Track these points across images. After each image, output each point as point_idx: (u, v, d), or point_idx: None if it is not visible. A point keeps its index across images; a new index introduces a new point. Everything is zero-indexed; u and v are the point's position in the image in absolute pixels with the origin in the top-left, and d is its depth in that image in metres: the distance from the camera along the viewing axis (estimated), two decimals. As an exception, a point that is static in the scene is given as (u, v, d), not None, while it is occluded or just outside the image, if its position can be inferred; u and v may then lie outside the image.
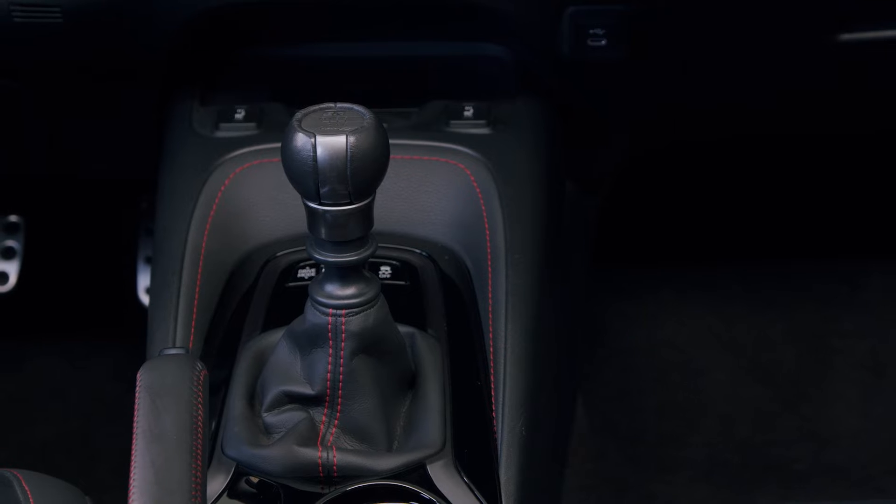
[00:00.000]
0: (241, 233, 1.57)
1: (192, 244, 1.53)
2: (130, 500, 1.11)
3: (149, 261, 2.39)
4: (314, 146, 1.23)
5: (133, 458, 1.14)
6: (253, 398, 1.39)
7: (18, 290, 2.38)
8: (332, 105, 1.28)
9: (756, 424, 2.30)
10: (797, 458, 2.25)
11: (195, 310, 1.48)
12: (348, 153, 1.23)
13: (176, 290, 1.50)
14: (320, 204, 1.25)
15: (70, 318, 2.47)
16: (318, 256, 1.29)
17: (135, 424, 1.16)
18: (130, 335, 2.40)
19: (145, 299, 2.37)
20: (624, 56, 1.64)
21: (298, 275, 1.52)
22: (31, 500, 1.33)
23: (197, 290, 1.50)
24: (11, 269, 2.40)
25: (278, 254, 1.56)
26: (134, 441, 1.15)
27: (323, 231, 1.27)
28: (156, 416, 1.16)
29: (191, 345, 1.46)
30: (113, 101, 1.77)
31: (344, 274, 1.29)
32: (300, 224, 1.56)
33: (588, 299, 2.24)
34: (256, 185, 1.60)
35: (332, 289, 1.30)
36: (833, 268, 2.47)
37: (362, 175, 1.24)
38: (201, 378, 1.20)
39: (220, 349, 1.46)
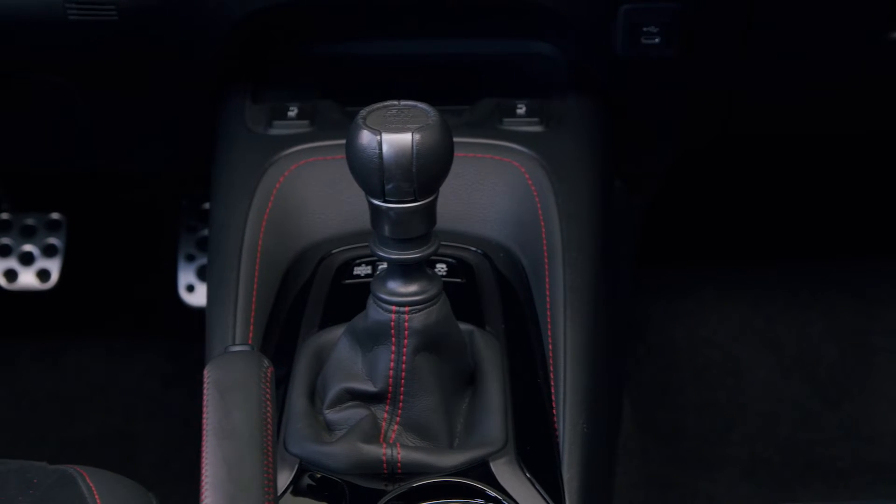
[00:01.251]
0: (295, 230, 1.57)
1: (248, 241, 1.53)
2: (203, 497, 1.11)
3: (189, 258, 2.39)
4: (380, 143, 1.23)
5: (204, 454, 1.13)
6: (313, 395, 1.39)
7: (60, 288, 2.39)
8: (395, 102, 1.27)
9: (798, 422, 2.29)
10: (839, 456, 2.25)
11: (253, 307, 1.48)
12: (414, 150, 1.23)
13: (234, 287, 1.50)
14: (385, 201, 1.25)
15: (110, 316, 2.47)
16: (381, 253, 1.29)
17: (204, 421, 1.16)
18: (170, 332, 2.41)
19: (186, 296, 2.38)
20: (676, 53, 1.63)
21: (354, 272, 1.52)
22: (96, 496, 1.33)
23: (255, 287, 1.50)
24: (53, 266, 2.41)
25: (333, 251, 1.56)
26: (204, 437, 1.15)
27: (386, 228, 1.27)
28: (226, 413, 1.16)
29: (250, 341, 1.46)
30: (162, 98, 1.78)
31: (407, 271, 1.29)
32: (354, 221, 1.58)
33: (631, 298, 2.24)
34: (310, 182, 1.60)
35: (395, 286, 1.30)
36: (875, 266, 2.46)
37: (427, 172, 1.24)
38: (268, 374, 1.20)
39: (277, 346, 1.47)
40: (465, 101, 1.69)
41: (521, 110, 1.66)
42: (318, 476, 1.32)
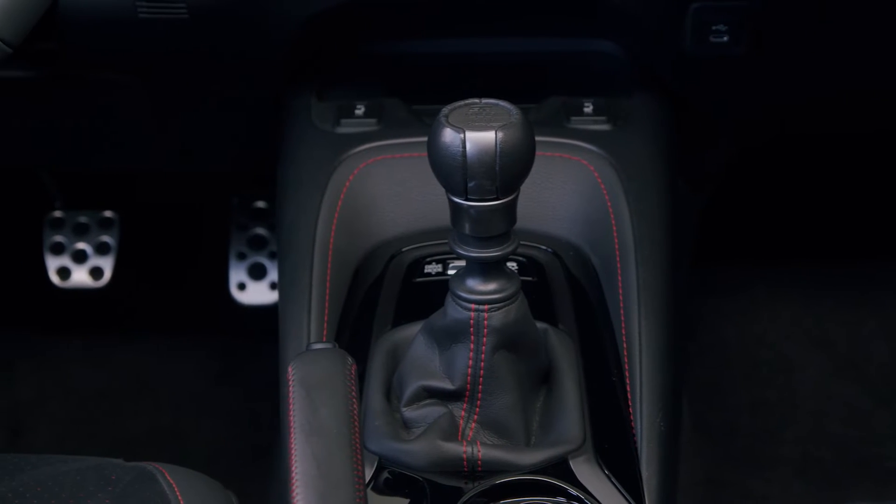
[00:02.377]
0: (365, 228, 1.58)
1: (320, 239, 1.54)
2: (294, 494, 1.11)
3: (240, 256, 2.40)
4: (463, 142, 1.23)
5: (292, 451, 1.13)
6: (389, 393, 1.39)
7: (111, 285, 2.40)
8: (476, 101, 1.27)
9: (849, 421, 2.29)
10: (889, 456, 2.25)
11: (327, 305, 1.49)
12: (497, 149, 1.23)
13: (307, 285, 1.50)
14: (466, 199, 1.25)
15: (161, 314, 2.48)
16: (460, 251, 1.29)
17: (290, 418, 1.16)
18: (221, 330, 2.42)
19: (237, 294, 2.39)
20: (744, 52, 1.63)
21: (425, 270, 1.52)
22: (177, 493, 1.34)
23: (327, 285, 1.50)
24: (106, 264, 2.42)
25: (403, 249, 1.56)
26: (291, 434, 1.15)
27: (467, 226, 1.27)
28: (313, 410, 1.16)
29: (324, 339, 1.46)
30: (226, 98, 1.78)
31: (486, 269, 1.29)
32: (424, 219, 1.58)
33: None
34: (379, 180, 1.60)
35: (475, 284, 1.30)
36: None
37: (510, 171, 1.24)
38: (352, 372, 1.20)
39: (350, 344, 1.47)
40: (531, 99, 1.69)
41: (588, 109, 1.66)
42: (398, 473, 1.32)
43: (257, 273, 2.40)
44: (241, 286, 2.39)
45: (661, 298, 1.48)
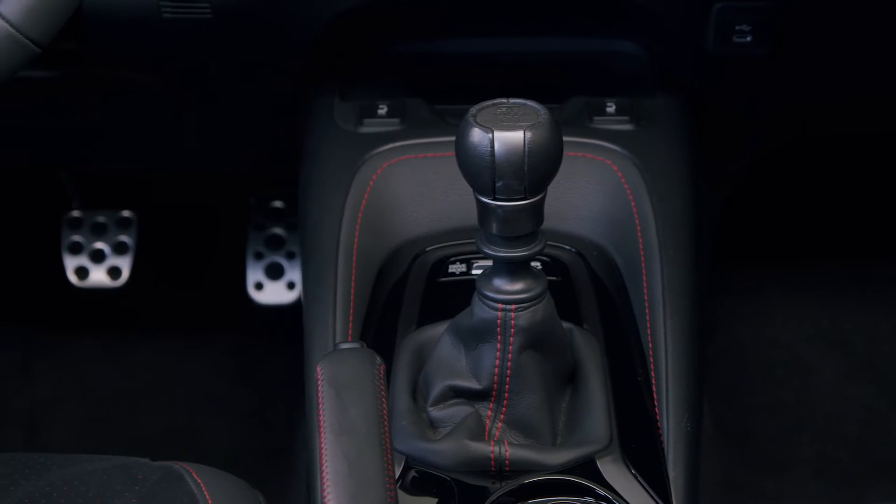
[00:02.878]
0: (389, 228, 1.58)
1: (344, 239, 1.54)
2: (324, 493, 1.11)
3: (257, 256, 2.40)
4: (492, 141, 1.23)
5: (322, 451, 1.14)
6: (415, 392, 1.39)
7: (130, 285, 2.40)
8: (504, 100, 1.27)
9: (866, 423, 2.29)
10: (908, 457, 2.25)
11: (352, 305, 1.49)
12: (526, 148, 1.23)
13: (332, 285, 1.50)
14: (494, 199, 1.25)
15: (178, 313, 2.48)
16: (488, 251, 1.29)
17: (320, 418, 1.16)
18: (237, 329, 2.42)
19: (254, 294, 2.39)
20: (767, 52, 1.63)
21: (449, 270, 1.52)
22: (205, 492, 1.34)
23: (352, 285, 1.51)
24: (124, 264, 2.42)
25: (427, 249, 1.56)
26: (321, 434, 1.15)
27: (494, 226, 1.27)
28: (342, 410, 1.16)
29: (349, 338, 1.47)
30: (248, 98, 1.78)
31: (513, 269, 1.30)
32: (447, 219, 1.58)
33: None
34: (403, 180, 1.60)
35: (501, 284, 1.30)
36: None
37: (539, 171, 1.24)
38: (381, 371, 1.20)
39: (375, 344, 1.47)
40: (553, 99, 1.69)
41: (611, 109, 1.66)
42: (425, 473, 1.32)
43: (274, 273, 2.40)
44: (259, 286, 2.39)
45: (686, 299, 1.49)
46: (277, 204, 2.42)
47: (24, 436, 2.34)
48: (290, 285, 2.39)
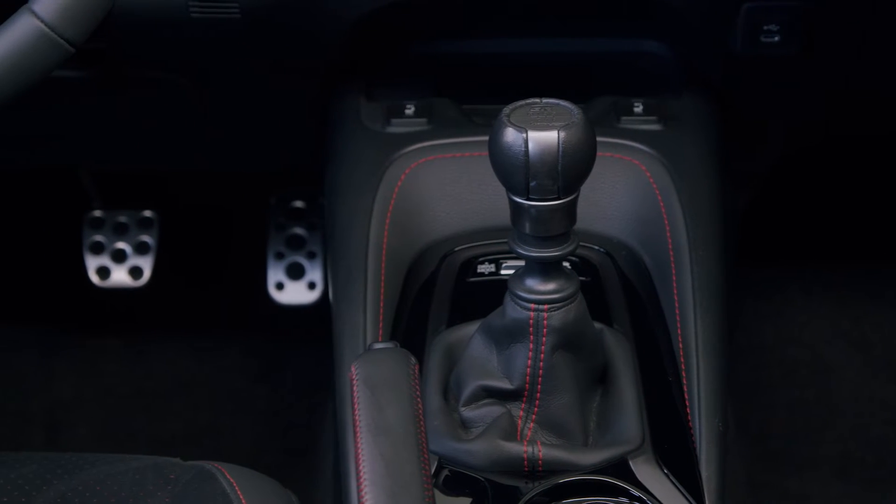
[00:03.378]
0: (417, 228, 1.58)
1: (373, 239, 1.54)
2: (362, 493, 1.11)
3: (278, 256, 2.40)
4: (526, 141, 1.23)
5: (359, 451, 1.13)
6: (446, 392, 1.39)
7: (152, 285, 2.40)
8: (537, 100, 1.28)
9: (889, 422, 2.29)
10: (930, 456, 2.25)
11: (382, 305, 1.49)
12: (560, 148, 1.23)
13: (362, 285, 1.50)
14: (528, 199, 1.25)
15: (198, 313, 2.49)
16: (520, 251, 1.29)
17: (355, 418, 1.16)
18: (258, 329, 2.42)
19: (275, 294, 2.39)
20: (795, 52, 1.63)
21: (478, 270, 1.52)
22: (238, 492, 1.34)
23: (382, 285, 1.50)
24: (146, 263, 2.42)
25: (456, 249, 1.56)
26: (357, 434, 1.15)
27: (527, 226, 1.27)
28: (378, 410, 1.16)
29: (380, 338, 1.47)
30: (273, 98, 1.78)
31: (546, 269, 1.30)
32: (476, 219, 1.58)
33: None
34: (431, 180, 1.60)
35: (534, 284, 1.30)
36: None
37: (573, 171, 1.24)
38: (416, 371, 1.20)
39: (405, 344, 1.47)
40: (579, 99, 1.68)
41: (638, 109, 1.66)
42: (458, 473, 1.32)
43: (295, 273, 2.40)
44: (280, 286, 2.39)
45: (716, 299, 1.49)
46: (298, 204, 2.42)
47: (45, 436, 2.34)
48: (311, 285, 2.40)
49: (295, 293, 2.40)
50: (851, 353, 2.38)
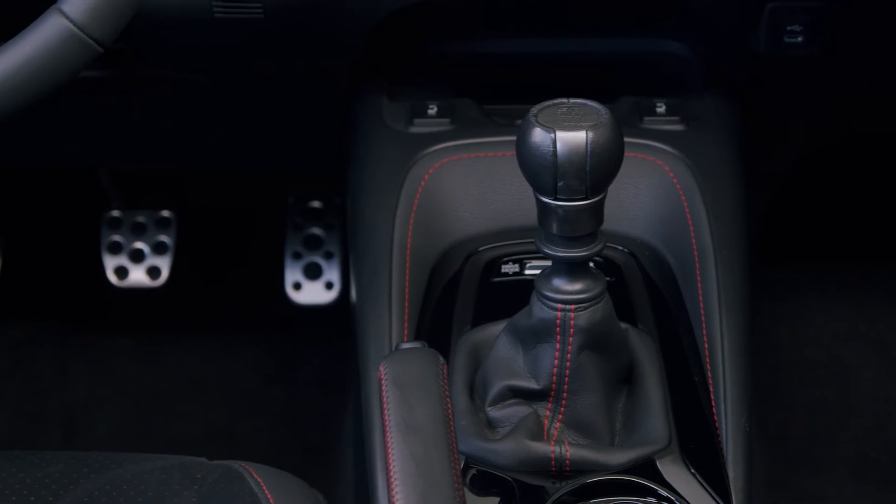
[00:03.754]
0: (441, 228, 1.58)
1: (398, 239, 1.54)
2: (393, 492, 1.11)
3: (296, 256, 2.40)
4: (554, 141, 1.23)
5: (389, 450, 1.14)
6: (472, 392, 1.39)
7: (170, 285, 2.40)
8: (565, 100, 1.28)
9: (905, 423, 2.29)
10: (949, 457, 2.25)
11: (407, 305, 1.49)
12: (588, 148, 1.23)
13: (387, 285, 1.50)
14: (555, 199, 1.25)
15: (217, 313, 2.49)
16: (547, 251, 1.29)
17: (385, 417, 1.16)
18: (274, 329, 2.43)
19: (292, 294, 2.39)
20: (818, 52, 1.63)
21: (502, 270, 1.52)
22: (266, 491, 1.34)
23: (406, 285, 1.51)
24: (164, 263, 2.42)
25: (480, 248, 1.56)
26: (387, 433, 1.15)
27: (555, 226, 1.27)
28: (408, 409, 1.16)
29: (405, 338, 1.47)
30: (295, 98, 1.78)
31: (572, 269, 1.30)
32: (499, 219, 1.58)
33: None
34: (455, 180, 1.60)
35: (561, 283, 1.30)
36: None
37: (601, 171, 1.24)
38: (444, 371, 1.21)
39: (430, 344, 1.46)
40: (601, 99, 1.68)
41: (661, 109, 1.66)
42: (485, 472, 1.32)
43: (313, 273, 2.41)
44: (297, 286, 2.40)
45: (741, 299, 1.49)
46: (316, 204, 2.43)
47: (62, 435, 2.34)
48: (329, 285, 2.40)
49: (312, 293, 2.40)
50: (869, 353, 2.38)
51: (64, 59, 1.28)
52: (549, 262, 1.31)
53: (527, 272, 1.51)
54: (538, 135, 1.24)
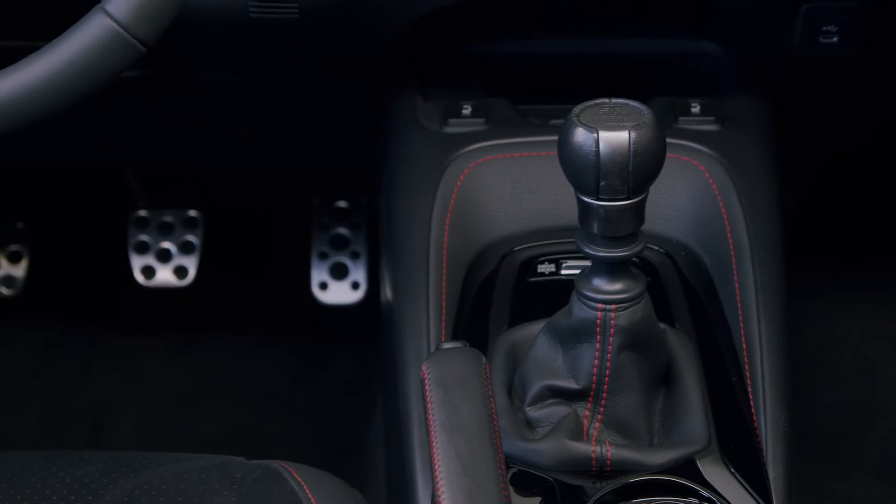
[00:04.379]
0: (476, 228, 1.58)
1: (434, 239, 1.54)
2: (439, 493, 1.11)
3: (322, 256, 2.41)
4: (597, 141, 1.23)
5: (434, 450, 1.13)
6: (510, 392, 1.39)
7: (196, 285, 2.41)
8: (606, 100, 1.28)
9: (932, 424, 2.29)
10: (975, 458, 2.24)
11: (444, 304, 1.49)
12: (631, 148, 1.23)
13: (424, 285, 1.50)
14: (597, 199, 1.25)
15: (244, 313, 2.49)
16: (588, 251, 1.29)
17: (429, 417, 1.16)
18: (300, 329, 2.43)
19: (319, 294, 2.39)
20: (854, 52, 1.63)
21: (538, 270, 1.53)
22: (307, 491, 1.34)
23: (444, 285, 1.51)
24: (191, 263, 2.43)
25: (515, 248, 1.56)
26: (432, 434, 1.15)
27: (596, 226, 1.27)
28: (453, 409, 1.16)
29: (443, 338, 1.47)
30: (328, 98, 1.79)
31: (613, 269, 1.30)
32: (535, 219, 1.58)
33: None
34: (490, 180, 1.60)
35: (601, 283, 1.30)
36: None
37: (643, 171, 1.24)
38: (486, 370, 1.21)
39: (468, 343, 1.47)
40: (634, 99, 1.68)
41: (696, 109, 1.66)
42: (525, 472, 1.32)
43: (339, 273, 2.41)
44: (323, 286, 2.40)
45: (778, 299, 1.49)
46: (342, 204, 2.43)
47: (88, 436, 2.35)
48: (355, 285, 2.40)
49: (338, 293, 2.40)
50: (894, 354, 2.37)
51: (108, 59, 1.28)
52: (585, 262, 1.31)
53: (563, 272, 1.51)
54: (581, 135, 1.24)
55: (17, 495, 1.35)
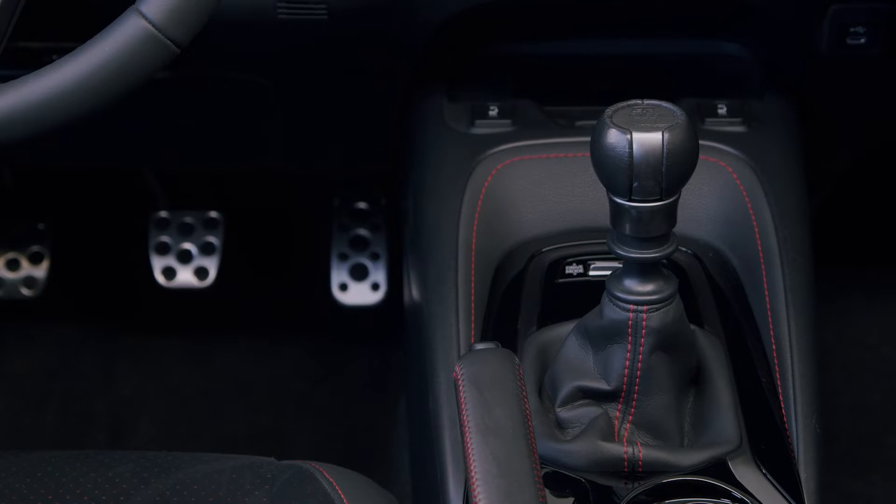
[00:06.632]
0: (504, 229, 1.58)
1: (463, 240, 1.54)
2: (475, 493, 1.11)
3: (342, 257, 2.41)
4: (630, 142, 1.23)
5: (469, 451, 1.14)
6: (540, 393, 1.40)
7: (217, 285, 2.41)
8: (639, 102, 1.28)
9: (952, 426, 2.29)
10: None
11: (473, 305, 1.49)
12: (664, 150, 1.23)
13: (453, 285, 1.50)
14: (630, 200, 1.25)
15: (264, 314, 2.49)
16: (620, 252, 1.29)
17: (463, 418, 1.16)
18: (320, 330, 2.43)
19: (339, 295, 2.39)
20: (881, 53, 1.63)
21: (566, 271, 1.53)
22: (339, 492, 1.34)
23: (472, 286, 1.51)
24: (211, 264, 2.43)
25: (543, 249, 1.56)
26: (466, 434, 1.15)
27: (628, 227, 1.27)
28: (487, 410, 1.16)
29: (472, 339, 1.47)
30: (356, 99, 1.79)
31: (645, 270, 1.30)
32: (562, 220, 1.59)
33: None
34: (517, 181, 1.61)
35: (633, 284, 1.30)
36: None
37: (676, 172, 1.24)
38: (520, 371, 1.21)
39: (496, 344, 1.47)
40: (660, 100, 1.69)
41: (722, 110, 1.66)
42: (557, 473, 1.32)
43: (359, 274, 2.41)
44: (343, 287, 2.40)
45: (807, 301, 1.49)
46: (362, 205, 2.43)
47: (108, 436, 2.35)
48: (375, 286, 2.40)
49: (358, 294, 2.40)
50: (915, 355, 2.38)
51: (142, 59, 1.28)
52: (613, 263, 1.31)
53: (591, 273, 1.52)
54: (614, 136, 1.24)
55: (48, 495, 1.35)
